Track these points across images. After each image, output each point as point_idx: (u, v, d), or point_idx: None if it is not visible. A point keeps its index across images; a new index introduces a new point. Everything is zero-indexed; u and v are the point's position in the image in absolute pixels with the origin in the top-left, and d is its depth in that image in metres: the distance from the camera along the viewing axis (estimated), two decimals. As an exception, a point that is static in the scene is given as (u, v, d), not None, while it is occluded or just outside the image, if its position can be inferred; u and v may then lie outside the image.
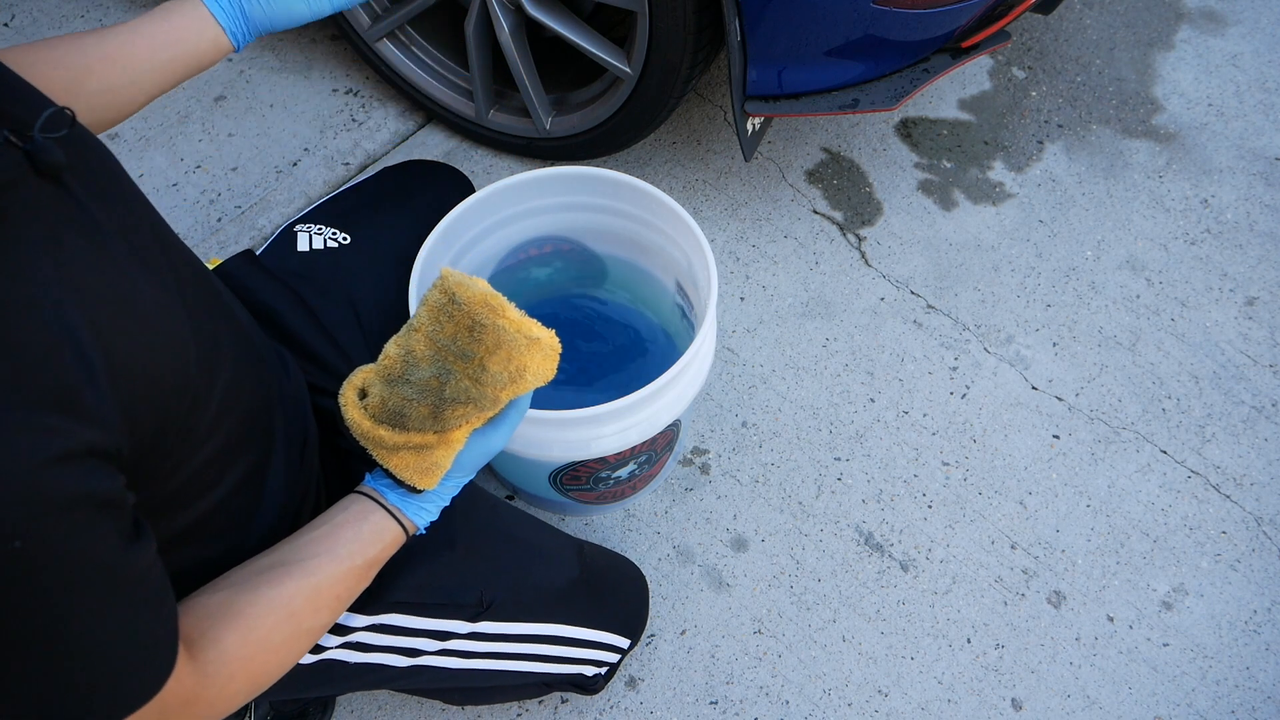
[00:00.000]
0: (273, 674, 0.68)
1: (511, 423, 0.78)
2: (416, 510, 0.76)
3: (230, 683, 0.63)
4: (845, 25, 1.23)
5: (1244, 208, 1.68)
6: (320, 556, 0.70)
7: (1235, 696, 1.25)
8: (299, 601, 0.68)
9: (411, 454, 0.72)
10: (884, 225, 1.66)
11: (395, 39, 1.64)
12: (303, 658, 0.82)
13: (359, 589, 0.74)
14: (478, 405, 0.71)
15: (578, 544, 1.06)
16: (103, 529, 0.51)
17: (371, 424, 0.72)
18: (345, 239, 1.10)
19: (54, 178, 0.56)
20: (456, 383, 0.70)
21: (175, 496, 0.65)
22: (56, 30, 1.88)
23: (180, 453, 0.62)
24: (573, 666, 1.03)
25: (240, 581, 0.67)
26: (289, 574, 0.68)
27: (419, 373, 0.71)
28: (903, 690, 1.26)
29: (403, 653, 0.89)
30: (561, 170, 1.15)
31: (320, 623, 0.71)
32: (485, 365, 0.70)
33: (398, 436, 0.71)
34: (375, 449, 0.73)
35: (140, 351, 0.55)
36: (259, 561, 0.70)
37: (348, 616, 0.84)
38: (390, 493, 0.76)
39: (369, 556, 0.73)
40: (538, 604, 0.96)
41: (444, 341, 0.71)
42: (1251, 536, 1.36)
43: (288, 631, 0.67)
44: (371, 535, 0.73)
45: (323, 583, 0.69)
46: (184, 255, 0.69)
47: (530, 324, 0.71)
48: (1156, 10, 1.95)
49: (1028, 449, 1.44)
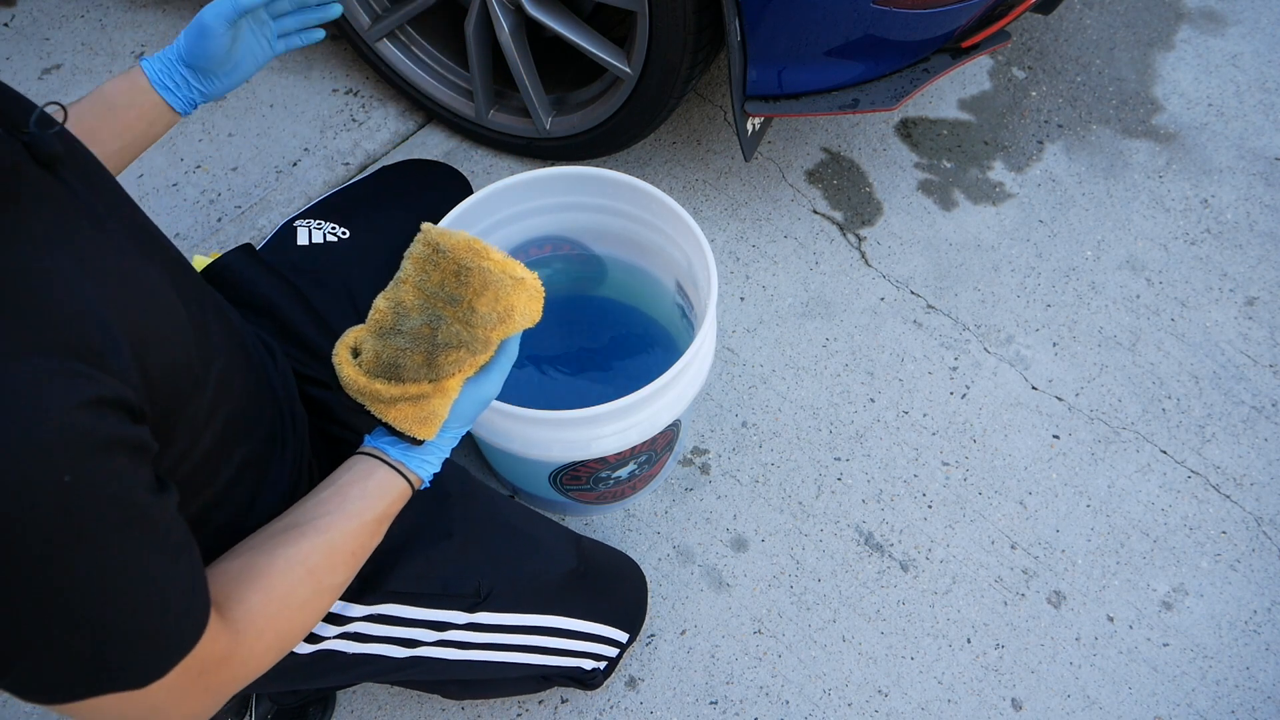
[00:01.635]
0: (298, 631, 0.69)
1: (502, 369, 0.79)
2: (419, 463, 0.77)
3: (260, 640, 0.64)
4: (845, 25, 1.23)
5: (1244, 208, 1.68)
6: (331, 514, 0.71)
7: (1235, 696, 1.25)
8: (316, 558, 0.69)
9: (409, 405, 0.73)
10: (884, 225, 1.66)
11: (395, 39, 1.64)
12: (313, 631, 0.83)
13: (372, 545, 0.75)
14: (470, 348, 0.73)
15: (576, 537, 1.06)
16: (139, 474, 0.52)
17: (367, 379, 0.73)
18: (344, 234, 1.10)
19: (52, 168, 0.57)
20: (448, 328, 0.73)
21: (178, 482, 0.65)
22: (56, 30, 1.88)
23: (184, 440, 0.63)
24: (571, 659, 1.03)
25: (257, 546, 0.69)
26: (303, 534, 0.69)
27: (409, 322, 0.74)
28: (903, 690, 1.25)
29: (401, 643, 0.89)
30: (561, 170, 1.15)
31: (338, 580, 0.72)
32: (474, 307, 0.73)
33: (394, 389, 0.72)
34: (373, 404, 0.74)
35: (151, 329, 0.57)
36: (272, 527, 0.71)
37: (345, 606, 0.85)
38: (392, 449, 0.76)
39: (378, 512, 0.74)
40: (535, 595, 0.97)
41: (431, 289, 0.74)
42: (1251, 536, 1.36)
43: (309, 589, 0.68)
44: (378, 491, 0.74)
45: (336, 539, 0.70)
46: (169, 248, 0.70)
47: (514, 264, 0.74)
48: (1156, 10, 1.95)
49: (1028, 449, 1.44)
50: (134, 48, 1.86)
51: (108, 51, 1.86)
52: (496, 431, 1.03)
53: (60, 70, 1.82)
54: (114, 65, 1.83)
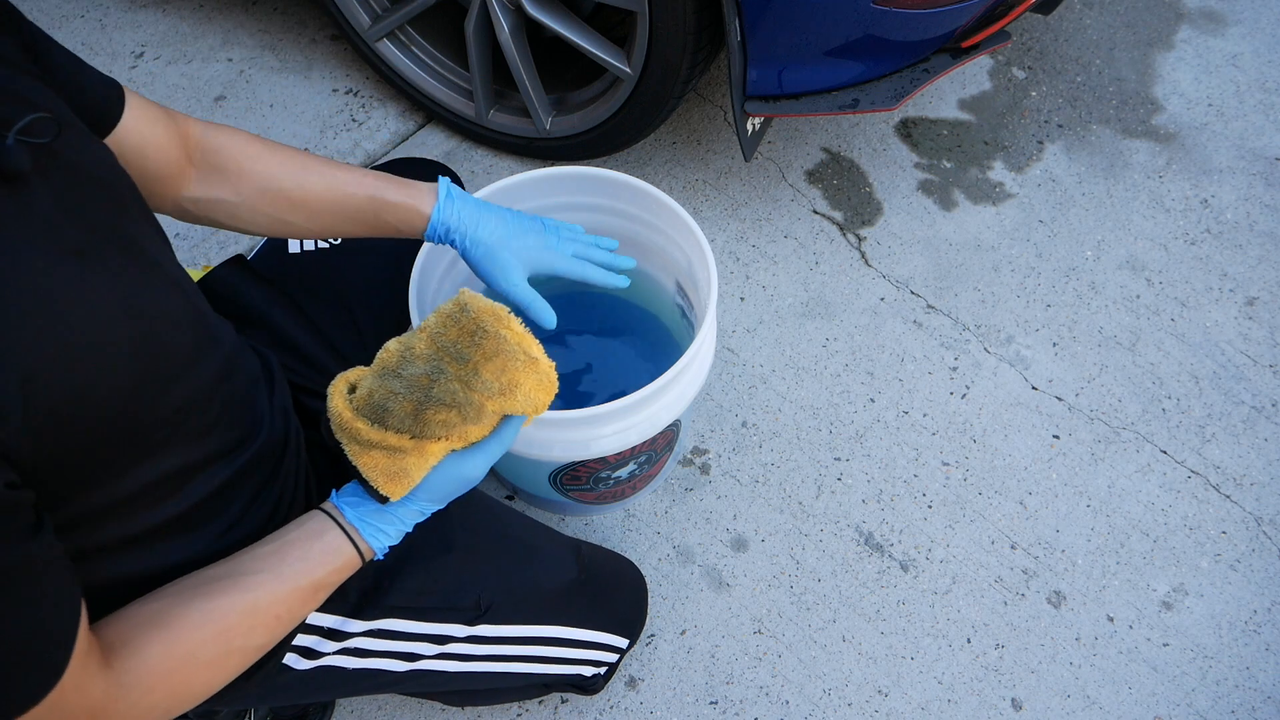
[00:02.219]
0: (198, 691, 0.66)
1: (491, 453, 0.75)
2: (374, 532, 0.73)
3: (147, 695, 0.61)
4: (845, 25, 1.23)
5: (1244, 208, 1.68)
6: (264, 573, 0.68)
7: (1235, 696, 1.25)
8: (233, 618, 0.65)
9: (383, 455, 0.70)
10: (884, 225, 1.66)
11: (395, 39, 1.64)
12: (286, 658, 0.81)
13: (304, 611, 0.71)
14: (461, 412, 0.71)
15: (575, 545, 1.06)
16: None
17: (352, 415, 0.71)
18: (336, 239, 1.09)
19: (17, 181, 0.55)
20: (446, 383, 0.70)
21: (127, 504, 0.64)
22: (56, 30, 1.88)
23: (123, 463, 0.61)
24: (571, 667, 1.03)
25: (179, 591, 0.66)
26: (228, 589, 0.66)
27: (411, 369, 0.71)
28: (903, 690, 1.26)
29: (401, 657, 0.88)
30: (561, 170, 1.15)
31: (255, 643, 0.68)
32: (478, 370, 0.70)
33: (374, 432, 0.70)
34: (350, 443, 0.71)
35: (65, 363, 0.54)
36: (205, 572, 0.68)
37: (345, 622, 0.84)
38: (349, 510, 0.73)
39: (315, 578, 0.70)
40: (536, 606, 0.96)
41: (445, 343, 0.71)
42: (1251, 536, 1.36)
43: (217, 649, 0.65)
44: (321, 556, 0.71)
45: (261, 600, 0.67)
46: (162, 269, 0.67)
47: (532, 342, 0.72)
48: (1156, 10, 1.95)
49: (1028, 449, 1.44)
50: (134, 48, 1.86)
51: (108, 51, 1.86)
52: (496, 431, 1.03)
53: (60, 70, 1.82)
54: (114, 65, 1.83)
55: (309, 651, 0.83)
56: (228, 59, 1.86)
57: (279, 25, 1.91)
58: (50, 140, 0.57)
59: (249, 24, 1.91)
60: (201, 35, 1.89)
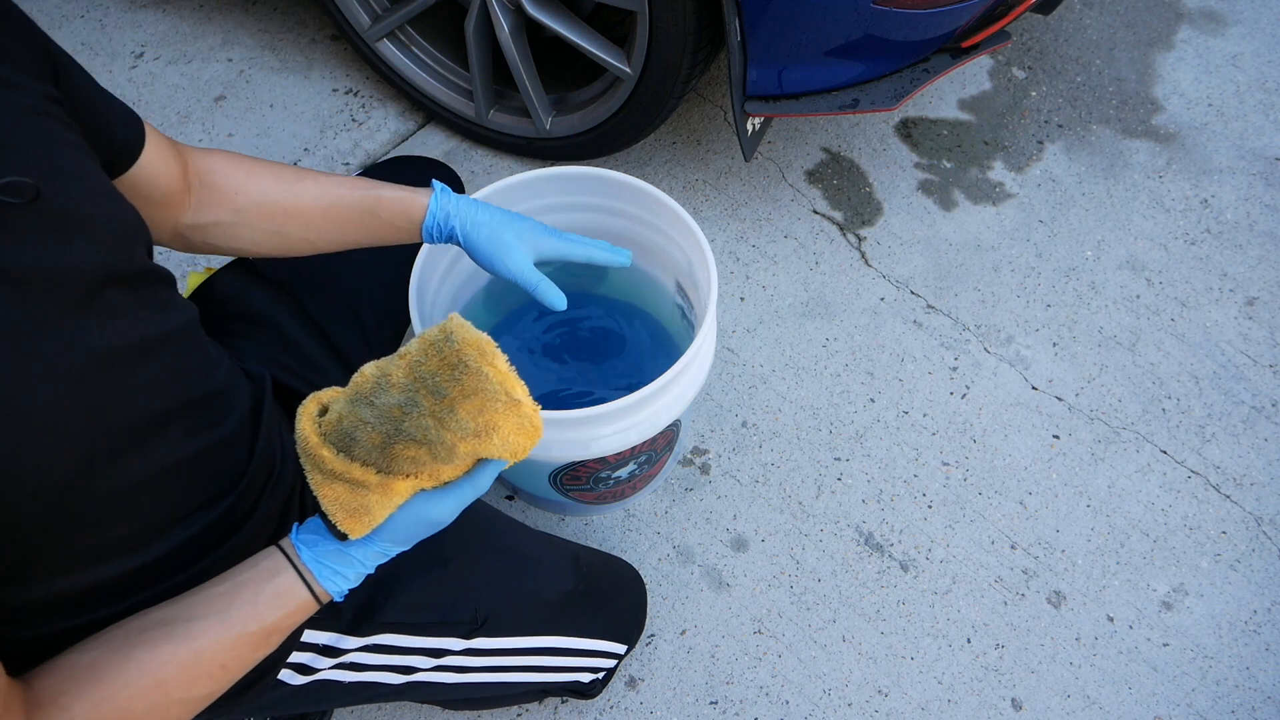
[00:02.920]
0: None
1: (461, 496, 0.70)
2: (330, 575, 0.68)
3: None
4: (845, 25, 1.23)
5: (1244, 208, 1.68)
6: (209, 619, 0.64)
7: (1235, 696, 1.25)
8: (170, 669, 0.62)
9: (345, 489, 0.66)
10: (884, 225, 1.66)
11: (395, 39, 1.64)
12: (281, 674, 0.80)
13: (253, 658, 0.67)
14: (432, 450, 0.66)
15: (573, 552, 1.04)
16: None
17: (318, 440, 0.66)
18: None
19: None
20: (419, 418, 0.65)
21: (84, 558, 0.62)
22: (56, 30, 1.88)
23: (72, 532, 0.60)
24: (569, 675, 1.02)
25: (117, 640, 0.63)
26: (169, 636, 0.63)
27: (385, 398, 0.65)
28: (903, 690, 1.26)
29: (398, 670, 0.88)
30: (561, 170, 1.15)
31: (197, 693, 0.64)
32: (454, 408, 0.65)
33: (338, 462, 0.65)
34: (312, 471, 0.66)
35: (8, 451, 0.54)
36: (151, 615, 0.65)
37: (340, 639, 0.83)
38: (305, 550, 0.68)
39: (266, 623, 0.66)
40: (533, 618, 0.95)
41: (423, 374, 0.65)
42: (1251, 536, 1.36)
43: (152, 701, 0.61)
44: (272, 599, 0.66)
45: (203, 649, 0.63)
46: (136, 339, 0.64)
47: (516, 383, 0.66)
48: (1156, 10, 1.95)
49: (1028, 449, 1.44)
50: (134, 48, 1.86)
51: (108, 51, 1.86)
52: (496, 431, 1.03)
53: (60, 70, 1.82)
54: (114, 65, 1.83)
55: (304, 668, 0.82)
56: (228, 59, 1.86)
57: (279, 25, 1.91)
58: (27, 203, 0.54)
59: (249, 24, 1.91)
60: (201, 35, 1.89)
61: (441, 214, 0.89)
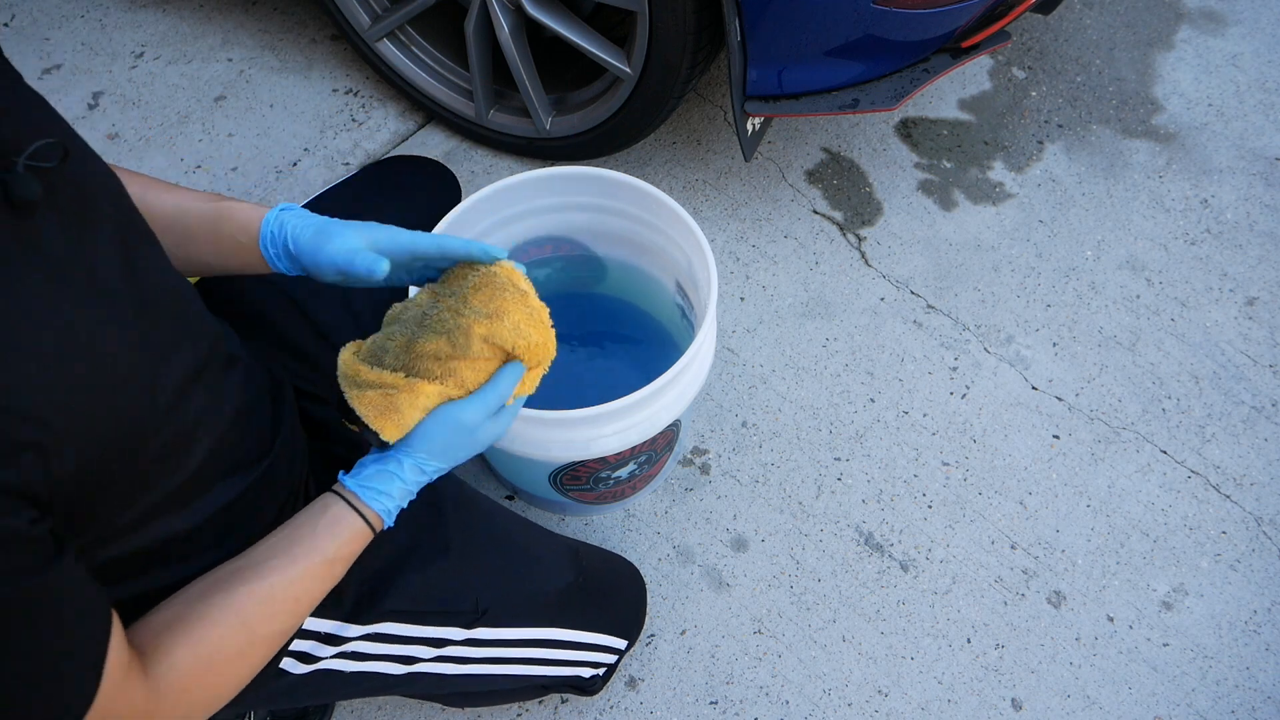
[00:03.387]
0: (231, 684, 0.66)
1: (486, 401, 0.74)
2: (375, 495, 0.73)
3: (185, 695, 0.62)
4: (845, 25, 1.23)
5: (1244, 208, 1.68)
6: (275, 559, 0.69)
7: (1235, 696, 1.25)
8: (251, 607, 0.66)
9: (377, 394, 0.73)
10: (884, 225, 1.66)
11: (395, 39, 1.64)
12: (283, 663, 0.81)
13: (322, 589, 0.72)
14: (451, 339, 0.73)
15: (574, 547, 1.05)
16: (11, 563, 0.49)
17: (353, 359, 0.75)
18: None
19: (23, 211, 0.54)
20: (438, 315, 0.74)
21: (138, 523, 0.64)
22: (56, 30, 1.88)
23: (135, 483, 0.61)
24: (570, 669, 1.03)
25: (194, 593, 0.66)
26: (242, 580, 0.67)
27: (410, 312, 0.76)
28: (903, 690, 1.26)
29: (399, 660, 0.88)
30: (561, 170, 1.15)
31: (277, 628, 0.68)
32: (467, 298, 0.74)
33: (370, 373, 0.73)
34: (350, 388, 0.74)
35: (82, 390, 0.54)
36: (220, 570, 0.69)
37: (342, 626, 0.84)
38: (350, 480, 0.74)
39: (327, 554, 0.70)
40: (534, 609, 0.96)
41: (443, 288, 0.77)
42: (1251, 536, 1.36)
43: (241, 640, 0.66)
44: (328, 530, 0.71)
45: (276, 586, 0.67)
46: (166, 289, 0.66)
47: (523, 278, 0.76)
48: (1156, 10, 1.95)
49: (1028, 449, 1.44)
50: (134, 48, 1.86)
51: (108, 51, 1.86)
52: (496, 431, 1.03)
53: (60, 70, 1.82)
54: (114, 65, 1.83)
55: (306, 656, 0.83)
56: (228, 59, 1.86)
57: (279, 25, 1.91)
58: (56, 165, 0.56)
59: (249, 24, 1.91)
60: (201, 35, 1.89)
61: (277, 222, 0.80)
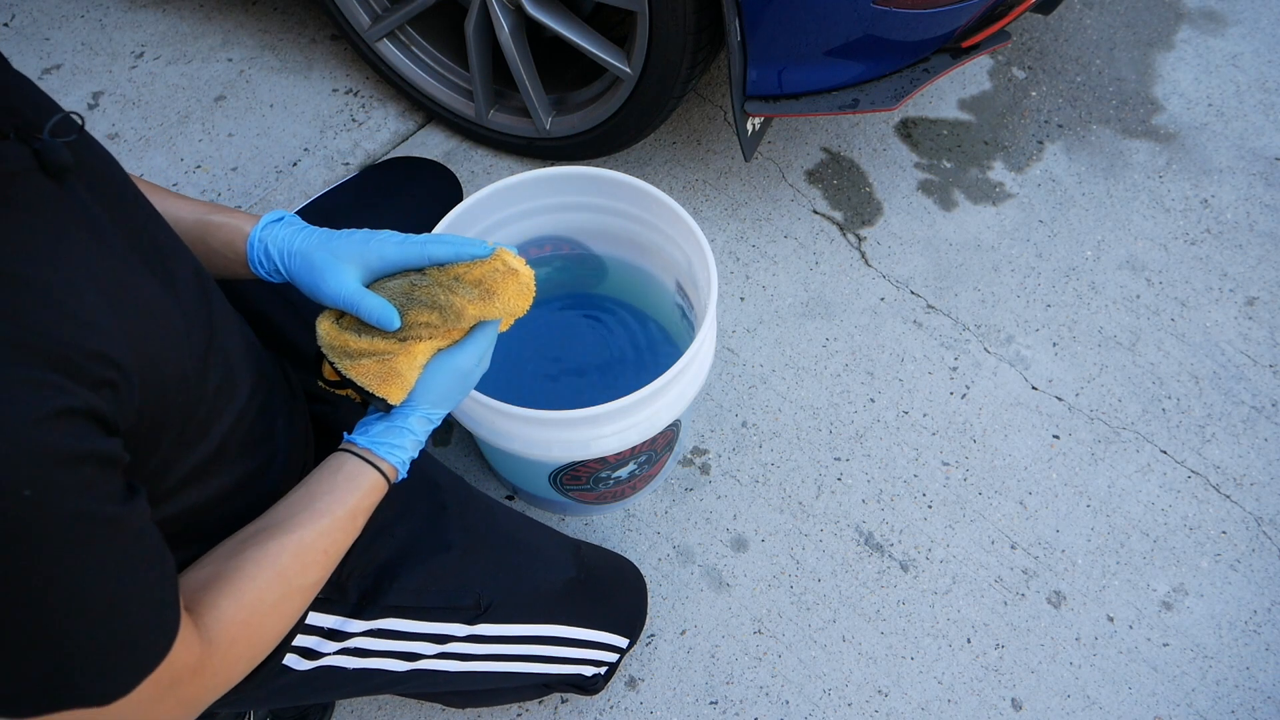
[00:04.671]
0: (271, 636, 0.68)
1: (478, 346, 0.78)
2: (388, 449, 0.76)
3: (233, 647, 0.64)
4: (845, 25, 1.23)
5: (1244, 208, 1.68)
6: (300, 514, 0.71)
7: (1235, 696, 1.25)
8: (285, 559, 0.68)
9: (373, 362, 0.74)
10: (884, 225, 1.66)
11: (395, 39, 1.64)
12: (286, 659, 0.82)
13: (347, 541, 0.74)
14: (442, 314, 0.74)
15: (575, 544, 1.06)
16: (107, 486, 0.51)
17: (338, 330, 0.75)
18: None
19: (59, 177, 0.56)
20: (428, 287, 0.75)
21: (167, 492, 0.65)
22: (56, 30, 1.88)
23: (171, 451, 0.62)
24: (572, 667, 1.03)
25: (225, 553, 0.68)
26: (271, 535, 0.69)
27: (395, 280, 0.76)
28: (903, 690, 1.26)
29: (401, 657, 0.88)
30: (561, 170, 1.15)
31: (310, 579, 0.71)
32: (459, 276, 0.75)
33: (360, 342, 0.74)
34: (341, 359, 0.75)
35: (138, 340, 0.56)
36: (244, 530, 0.71)
37: (345, 622, 0.84)
38: (361, 437, 0.76)
39: (349, 506, 0.73)
40: (535, 605, 0.96)
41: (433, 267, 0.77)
42: (1251, 536, 1.36)
43: (279, 590, 0.68)
44: (346, 483, 0.73)
45: (306, 538, 0.70)
46: (183, 262, 0.68)
47: (511, 255, 0.76)
48: (1156, 10, 1.95)
49: (1028, 449, 1.44)
50: (134, 48, 1.86)
51: (108, 51, 1.86)
52: (496, 431, 1.03)
53: (60, 70, 1.82)
54: (114, 65, 1.83)
55: (309, 652, 0.83)
56: (228, 59, 1.85)
57: (279, 25, 1.91)
58: (75, 138, 0.58)
59: (249, 24, 1.91)
60: (201, 35, 1.89)
61: (260, 246, 0.80)
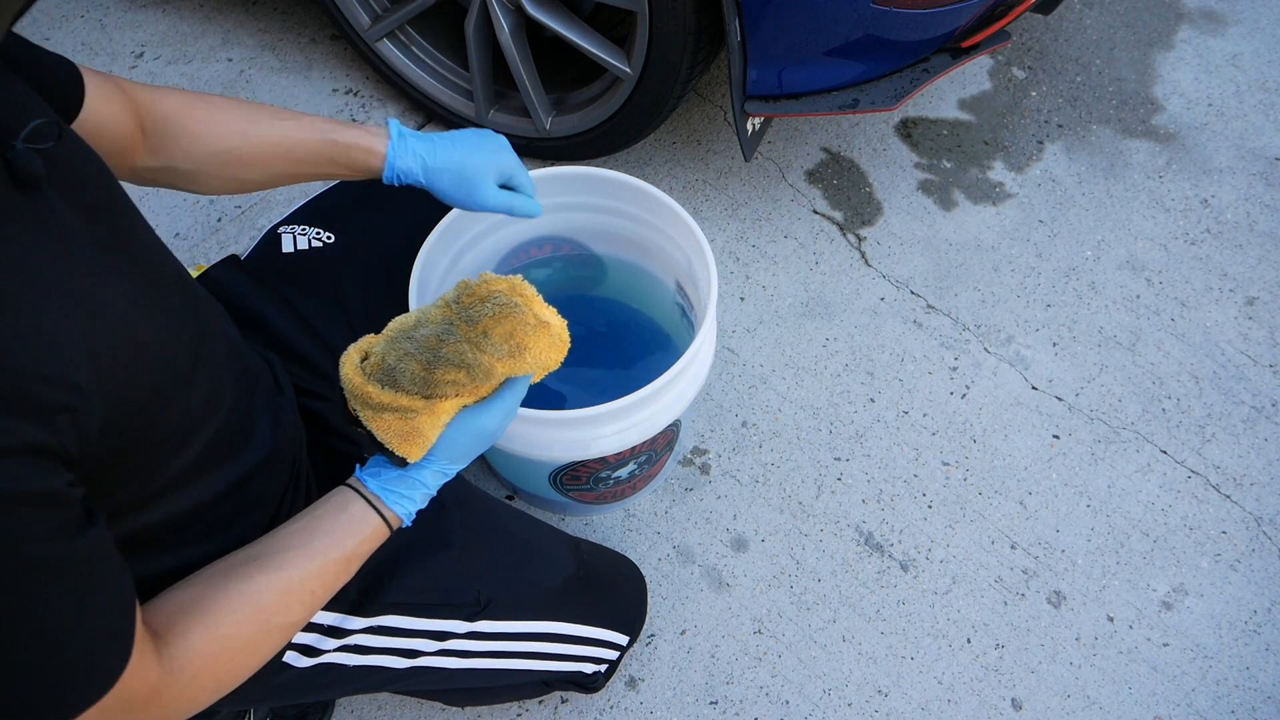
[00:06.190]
0: (240, 672, 0.67)
1: (505, 406, 0.76)
2: (397, 499, 0.74)
3: (195, 680, 0.63)
4: (845, 25, 1.23)
5: (1244, 208, 1.68)
6: (294, 550, 0.69)
7: (1235, 696, 1.25)
8: (268, 597, 0.66)
9: (395, 417, 0.72)
10: (884, 225, 1.66)
11: (395, 39, 1.64)
12: (286, 655, 0.82)
13: (337, 584, 0.72)
14: (470, 373, 0.71)
15: (574, 541, 1.06)
16: (45, 524, 0.50)
17: (363, 380, 0.72)
18: (330, 238, 1.09)
19: (29, 188, 0.55)
20: (455, 344, 0.71)
21: (148, 500, 0.64)
22: (56, 30, 1.88)
23: (148, 460, 0.62)
24: (572, 664, 1.03)
25: (212, 577, 0.67)
26: (260, 569, 0.67)
27: (423, 330, 0.72)
28: (903, 690, 1.26)
29: (402, 654, 0.88)
30: (561, 170, 1.15)
31: (292, 619, 0.69)
32: (487, 332, 0.71)
33: (384, 395, 0.71)
34: (363, 409, 0.72)
35: (107, 353, 0.55)
36: (236, 556, 0.69)
37: (344, 619, 0.84)
38: (371, 480, 0.74)
39: (346, 550, 0.71)
40: (535, 602, 0.96)
41: (458, 308, 0.73)
42: (1251, 536, 1.36)
43: (255, 629, 0.66)
44: (349, 527, 0.72)
45: (294, 577, 0.68)
46: (166, 266, 0.68)
47: (544, 307, 0.73)
48: (1156, 10, 1.95)
49: (1028, 449, 1.44)
50: (134, 48, 1.86)
51: (108, 51, 1.86)
52: (496, 431, 1.03)
53: (60, 70, 1.82)
54: (114, 65, 1.83)
55: (309, 649, 0.83)
56: (228, 59, 1.85)
57: (279, 25, 1.91)
58: (53, 145, 0.56)
59: (249, 24, 1.91)
60: (201, 35, 1.89)
61: (402, 165, 0.89)
